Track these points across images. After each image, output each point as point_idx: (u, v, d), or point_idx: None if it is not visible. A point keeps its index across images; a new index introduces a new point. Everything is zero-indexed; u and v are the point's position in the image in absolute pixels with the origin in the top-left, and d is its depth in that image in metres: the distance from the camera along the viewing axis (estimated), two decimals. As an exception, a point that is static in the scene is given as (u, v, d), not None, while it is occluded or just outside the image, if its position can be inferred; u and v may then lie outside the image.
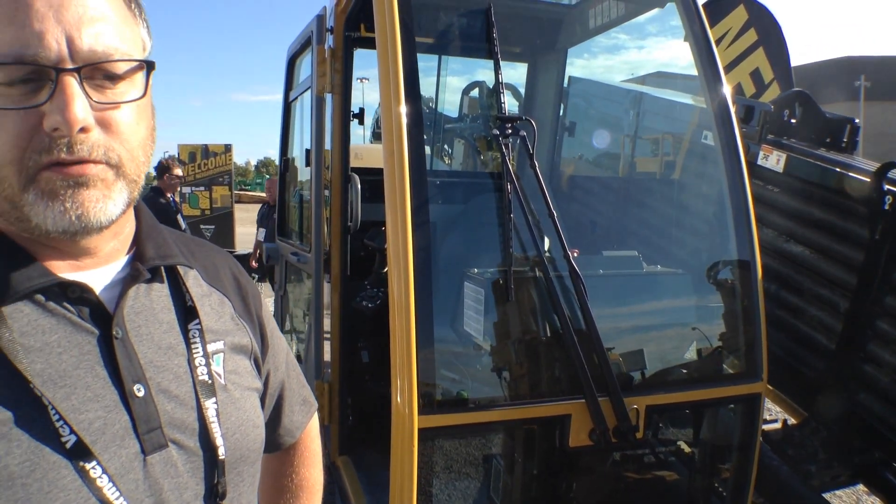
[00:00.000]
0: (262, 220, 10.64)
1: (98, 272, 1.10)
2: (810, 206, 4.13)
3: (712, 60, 3.56)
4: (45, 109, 0.93)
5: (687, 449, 3.47)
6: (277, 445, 1.51)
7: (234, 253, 10.82)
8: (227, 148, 19.04)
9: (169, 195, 9.38)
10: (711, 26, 3.72)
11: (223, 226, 18.21)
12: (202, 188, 18.31)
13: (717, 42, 3.72)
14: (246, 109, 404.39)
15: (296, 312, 5.93)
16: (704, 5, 3.75)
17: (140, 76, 1.05)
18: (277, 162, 6.41)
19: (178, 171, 9.58)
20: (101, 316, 1.06)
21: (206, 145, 18.94)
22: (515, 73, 5.51)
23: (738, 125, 3.57)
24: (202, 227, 17.01)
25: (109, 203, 1.00)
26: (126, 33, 1.04)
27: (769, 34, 5.42)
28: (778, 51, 5.44)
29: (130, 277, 1.12)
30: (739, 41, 5.47)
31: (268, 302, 1.55)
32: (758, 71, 5.48)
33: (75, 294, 1.04)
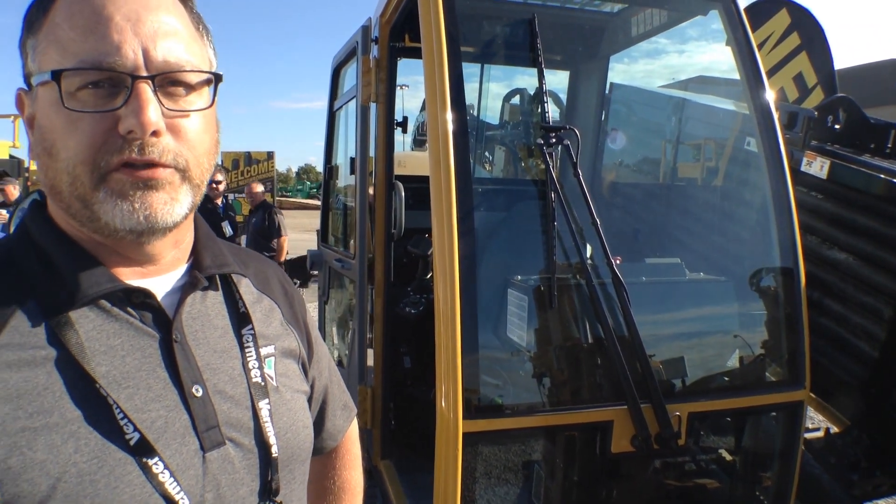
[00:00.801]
0: (245, 228, 10.74)
1: (159, 279, 1.16)
2: (854, 212, 4.10)
3: (756, 68, 3.56)
4: (120, 113, 1.00)
5: (728, 456, 3.47)
6: (320, 449, 1.55)
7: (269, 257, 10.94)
8: (270, 155, 19.24)
9: (218, 202, 9.64)
10: (753, 30, 3.71)
11: (265, 231, 18.40)
12: (244, 194, 18.54)
13: (760, 46, 3.70)
14: (286, 117, 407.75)
15: (337, 318, 6.00)
16: (746, 9, 3.75)
17: (207, 88, 1.12)
18: (321, 169, 6.47)
19: (219, 177, 9.85)
20: (161, 321, 1.11)
21: (248, 152, 19.17)
22: (555, 78, 5.51)
23: (782, 131, 3.57)
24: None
25: (176, 205, 1.06)
26: (195, 49, 1.11)
27: (812, 38, 5.35)
28: (821, 55, 5.37)
29: (189, 285, 1.18)
30: (782, 45, 5.42)
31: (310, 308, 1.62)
32: (801, 75, 5.42)
33: (139, 300, 1.10)
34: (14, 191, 12.56)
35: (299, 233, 30.21)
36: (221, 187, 10.38)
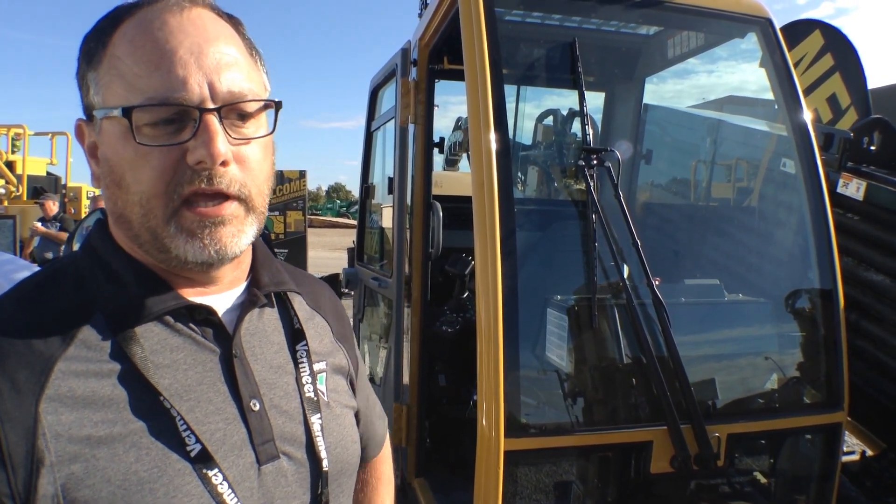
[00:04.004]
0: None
1: (220, 297, 1.20)
2: (891, 234, 4.09)
3: (793, 90, 3.57)
4: (188, 145, 1.03)
5: (765, 479, 3.45)
6: (366, 458, 1.59)
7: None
8: (302, 174, 19.35)
9: None
10: (788, 51, 3.73)
11: (296, 249, 18.47)
12: (276, 213, 18.61)
13: (794, 66, 3.71)
14: (316, 136, 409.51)
15: (372, 336, 6.03)
16: (780, 29, 3.77)
17: (265, 115, 1.16)
18: (350, 188, 6.53)
19: None
20: (222, 336, 1.16)
21: (281, 171, 19.28)
22: (588, 98, 5.52)
23: (819, 153, 3.57)
24: (276, 250, 17.27)
25: (243, 237, 1.11)
26: (253, 76, 1.15)
27: (846, 59, 5.34)
28: (855, 76, 5.35)
29: (249, 302, 1.22)
30: (815, 66, 5.41)
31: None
32: (835, 96, 5.40)
33: (201, 316, 1.14)
34: (53, 207, 12.76)
35: (329, 251, 30.39)
36: None
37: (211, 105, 1.04)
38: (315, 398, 1.25)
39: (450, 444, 4.63)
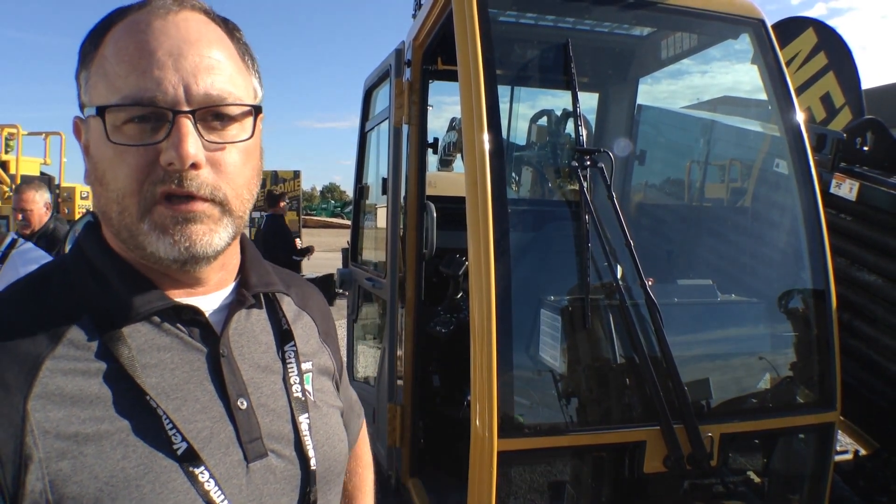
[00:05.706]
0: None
1: (208, 298, 1.20)
2: (884, 234, 4.09)
3: (786, 90, 3.58)
4: (162, 147, 1.04)
5: (758, 478, 3.46)
6: None
7: (303, 277, 11.17)
8: (296, 174, 19.36)
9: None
10: (780, 49, 3.74)
11: (290, 248, 18.48)
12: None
13: (786, 65, 3.71)
14: (311, 136, 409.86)
15: (366, 336, 6.03)
16: (773, 27, 3.78)
17: (249, 120, 1.15)
18: (345, 188, 6.54)
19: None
20: (209, 336, 1.16)
21: (275, 171, 19.31)
22: (582, 99, 5.51)
23: (812, 153, 3.58)
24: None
25: (215, 237, 1.10)
26: (238, 81, 1.14)
27: (839, 58, 5.34)
28: (849, 75, 5.36)
29: (237, 302, 1.23)
30: (809, 65, 5.42)
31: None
32: (828, 95, 5.41)
33: (188, 316, 1.15)
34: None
35: (323, 251, 30.27)
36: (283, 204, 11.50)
37: (185, 108, 1.05)
38: (303, 398, 1.26)
39: (444, 445, 4.64)
